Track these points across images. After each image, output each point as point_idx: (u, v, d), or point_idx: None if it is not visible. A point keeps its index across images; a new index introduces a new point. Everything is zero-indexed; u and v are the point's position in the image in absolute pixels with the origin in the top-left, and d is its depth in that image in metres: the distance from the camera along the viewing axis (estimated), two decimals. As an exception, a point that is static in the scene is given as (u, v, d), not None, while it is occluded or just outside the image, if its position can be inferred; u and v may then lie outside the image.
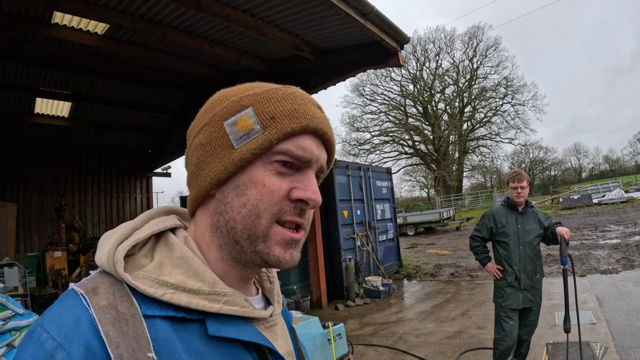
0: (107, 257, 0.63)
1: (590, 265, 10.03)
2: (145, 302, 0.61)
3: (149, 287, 0.61)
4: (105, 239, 0.68)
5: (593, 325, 5.90)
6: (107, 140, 14.90)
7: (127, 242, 0.66)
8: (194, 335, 0.62)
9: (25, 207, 13.09)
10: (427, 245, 19.09)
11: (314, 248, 8.96)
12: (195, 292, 0.64)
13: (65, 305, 0.59)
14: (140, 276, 0.63)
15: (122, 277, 0.61)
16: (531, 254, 4.22)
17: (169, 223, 0.73)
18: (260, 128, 0.67)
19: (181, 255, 0.68)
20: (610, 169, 66.24)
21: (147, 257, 0.68)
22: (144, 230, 0.69)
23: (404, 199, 56.04)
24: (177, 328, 0.61)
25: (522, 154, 57.32)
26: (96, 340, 0.55)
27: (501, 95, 45.64)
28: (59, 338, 0.54)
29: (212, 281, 0.66)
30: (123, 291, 0.61)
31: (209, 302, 0.64)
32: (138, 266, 0.65)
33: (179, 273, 0.65)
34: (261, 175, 0.67)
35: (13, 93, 9.85)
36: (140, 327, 0.58)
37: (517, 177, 4.26)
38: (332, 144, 0.75)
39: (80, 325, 0.56)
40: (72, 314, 0.57)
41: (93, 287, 0.61)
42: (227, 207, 0.69)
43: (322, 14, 6.38)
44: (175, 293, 0.62)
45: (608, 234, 14.89)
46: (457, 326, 6.64)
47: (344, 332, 4.47)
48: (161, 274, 0.64)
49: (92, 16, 6.27)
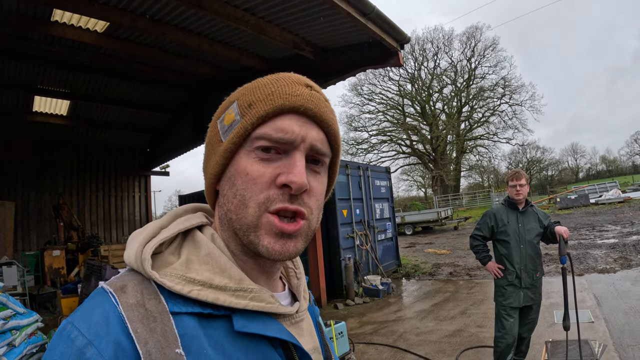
0: (135, 255, 0.65)
1: (588, 264, 10.07)
2: (173, 299, 0.62)
3: (177, 284, 0.62)
4: (133, 238, 0.69)
5: (591, 324, 5.93)
6: (105, 139, 14.90)
7: (154, 241, 0.67)
8: (220, 331, 0.63)
9: (24, 205, 13.09)
10: (425, 244, 19.13)
11: (313, 247, 8.97)
12: (222, 289, 0.65)
13: (95, 303, 0.61)
14: (168, 273, 0.64)
15: (150, 275, 0.62)
16: (532, 253, 4.25)
17: (195, 221, 0.74)
18: (240, 118, 0.69)
19: (208, 252, 0.68)
20: (607, 169, 66.50)
21: (175, 255, 0.69)
22: (170, 229, 0.70)
23: (402, 199, 56.09)
24: (203, 324, 0.62)
25: (519, 154, 57.46)
26: (125, 337, 0.56)
27: (499, 95, 45.67)
28: (89, 335, 0.55)
29: (239, 277, 0.67)
30: (151, 289, 0.62)
31: (236, 299, 0.65)
32: (166, 264, 0.66)
33: (206, 270, 0.66)
34: (244, 163, 0.68)
35: (11, 91, 9.85)
36: (168, 324, 0.59)
37: (516, 176, 4.31)
38: (324, 120, 0.71)
39: (110, 322, 0.57)
40: (101, 311, 0.58)
41: (122, 285, 0.62)
42: (224, 199, 0.70)
43: (323, 13, 6.38)
44: (202, 290, 0.63)
45: (605, 234, 14.94)
46: (456, 325, 6.66)
47: (345, 330, 4.48)
48: (188, 271, 0.65)
49: (92, 14, 6.26)
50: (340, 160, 0.81)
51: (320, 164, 0.73)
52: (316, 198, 0.71)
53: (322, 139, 0.72)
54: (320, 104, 0.71)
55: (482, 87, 45.79)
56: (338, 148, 0.77)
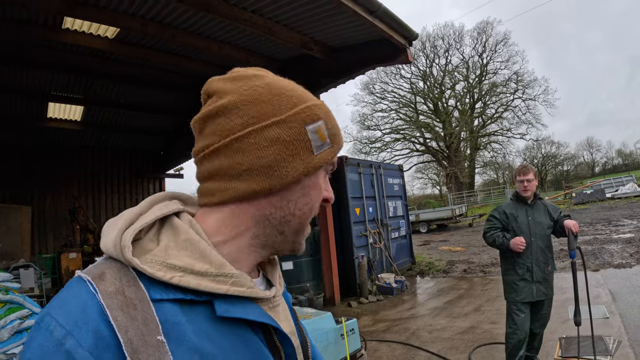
0: (114, 242, 0.63)
1: (604, 259, 9.95)
2: (153, 286, 0.62)
3: (158, 271, 0.62)
4: (110, 226, 0.68)
5: (606, 320, 5.86)
6: (119, 143, 15.05)
7: (133, 227, 0.66)
8: (201, 317, 0.64)
9: (40, 209, 13.28)
10: (439, 242, 19.05)
11: (326, 246, 8.99)
12: (203, 274, 0.64)
13: (72, 292, 0.60)
14: (148, 260, 0.64)
15: (131, 262, 0.62)
16: (542, 246, 4.21)
17: (172, 207, 0.73)
18: (330, 142, 0.76)
19: (187, 238, 0.68)
20: (624, 163, 65.38)
21: (154, 242, 0.68)
22: (149, 215, 0.70)
23: (416, 197, 55.79)
24: (185, 310, 0.62)
25: (534, 150, 56.96)
26: (105, 326, 0.55)
27: (512, 91, 45.26)
28: (67, 325, 0.55)
29: (219, 263, 0.67)
30: (130, 276, 0.62)
31: (217, 284, 0.65)
32: (145, 250, 0.66)
33: (186, 256, 0.66)
34: (321, 181, 0.78)
35: (26, 98, 10.02)
36: (148, 311, 0.59)
37: (523, 170, 4.25)
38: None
39: (88, 311, 0.56)
40: (79, 300, 0.58)
41: (99, 273, 0.62)
42: (290, 203, 0.74)
43: (330, 12, 6.41)
44: (184, 276, 0.63)
45: (621, 228, 14.75)
46: (469, 322, 6.64)
47: (357, 327, 4.49)
48: (168, 257, 0.65)
49: (102, 20, 6.35)
50: None
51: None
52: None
53: None
54: None
55: (495, 83, 45.39)
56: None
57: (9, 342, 4.03)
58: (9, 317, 4.10)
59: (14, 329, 4.09)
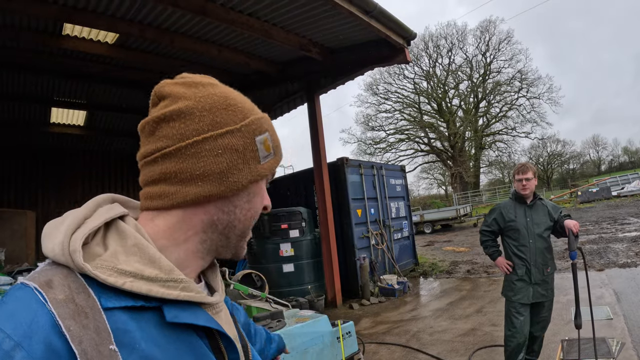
0: (62, 247, 0.61)
1: (609, 259, 9.87)
2: (104, 293, 0.60)
3: (109, 277, 0.61)
4: (53, 228, 0.66)
5: (610, 321, 5.79)
6: (122, 147, 15.10)
7: (81, 231, 0.64)
8: (150, 323, 0.62)
9: (44, 214, 13.33)
10: (443, 242, 19.00)
11: (327, 248, 8.98)
12: (153, 280, 0.64)
13: (19, 301, 0.57)
14: (99, 265, 0.62)
15: (82, 267, 0.60)
16: (541, 247, 4.16)
17: (117, 211, 0.72)
18: (273, 153, 0.81)
19: (135, 242, 0.67)
20: (630, 161, 64.89)
21: (101, 246, 0.66)
22: (95, 218, 0.68)
23: (422, 197, 55.70)
24: (135, 317, 0.61)
25: (539, 148, 56.71)
26: (57, 337, 0.53)
27: (516, 89, 45.14)
28: (16, 336, 0.52)
29: (168, 268, 0.66)
30: (78, 282, 0.60)
31: (167, 289, 0.64)
32: (94, 255, 0.64)
33: (135, 261, 0.65)
34: (263, 188, 0.82)
35: (29, 104, 10.08)
36: (100, 320, 0.57)
37: (522, 169, 4.20)
38: None
39: (39, 321, 0.54)
40: (28, 310, 0.55)
41: (46, 280, 0.59)
42: (237, 209, 0.77)
43: (326, 13, 6.41)
44: (134, 281, 0.62)
45: (627, 227, 14.63)
46: (471, 323, 6.60)
47: (353, 329, 4.47)
48: (118, 262, 0.63)
49: (101, 26, 6.39)
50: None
51: None
52: None
53: None
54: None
55: (499, 82, 45.27)
56: None
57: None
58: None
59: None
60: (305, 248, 9.33)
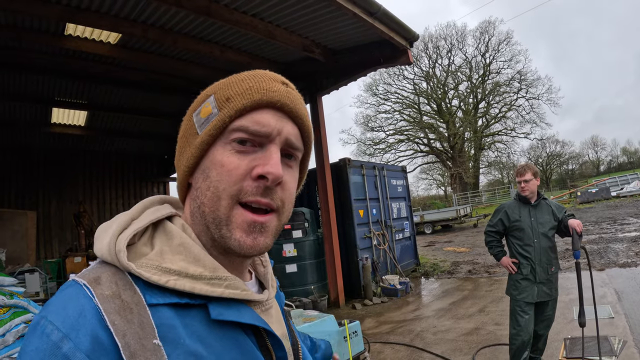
0: (109, 247, 0.64)
1: (609, 258, 9.90)
2: (149, 290, 0.62)
3: (153, 275, 0.63)
4: (103, 231, 0.68)
5: (612, 320, 5.83)
6: (123, 147, 15.11)
7: (127, 232, 0.66)
8: (195, 320, 0.63)
9: (45, 214, 13.35)
10: (444, 243, 19.00)
11: (330, 248, 8.99)
12: (197, 278, 0.65)
13: (68, 296, 0.59)
14: (144, 264, 0.64)
15: (126, 266, 0.62)
16: (546, 246, 4.20)
17: (165, 212, 0.74)
18: (217, 111, 0.70)
19: (180, 242, 0.69)
20: (629, 161, 64.98)
21: (147, 246, 0.69)
22: (142, 220, 0.70)
23: (421, 198, 55.71)
24: (180, 314, 0.62)
25: (538, 149, 56.71)
26: (102, 330, 0.55)
27: (515, 90, 45.15)
28: (64, 328, 0.54)
29: (213, 266, 0.68)
30: (125, 280, 0.62)
31: (211, 287, 0.66)
32: (139, 255, 0.66)
33: (180, 260, 0.66)
34: (220, 155, 0.69)
35: (30, 104, 10.05)
36: (144, 315, 0.58)
37: (520, 171, 4.30)
38: (299, 116, 0.74)
39: (86, 315, 0.56)
40: (76, 304, 0.57)
41: (95, 277, 0.61)
42: (198, 192, 0.71)
43: (330, 15, 6.43)
44: (179, 279, 0.64)
45: (627, 227, 14.65)
46: (474, 323, 6.62)
47: (360, 329, 4.49)
48: (163, 261, 0.65)
49: (104, 26, 6.37)
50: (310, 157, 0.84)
51: (293, 159, 0.75)
52: (289, 192, 0.73)
53: (297, 134, 0.74)
54: (296, 100, 0.74)
55: (498, 82, 45.28)
56: (310, 144, 0.79)
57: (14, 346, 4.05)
58: (14, 321, 4.12)
59: (18, 333, 4.11)
60: (308, 248, 9.35)
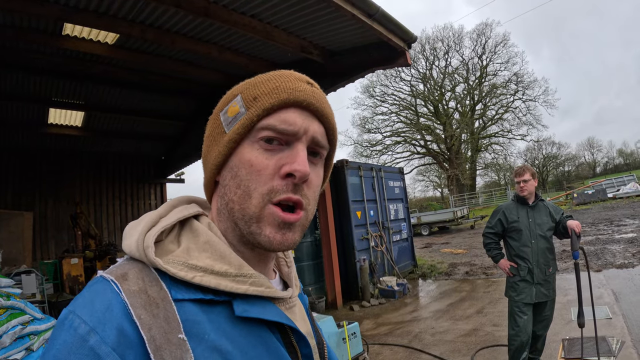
0: (137, 244, 0.65)
1: (606, 260, 9.93)
2: (174, 286, 0.63)
3: (180, 271, 0.64)
4: (131, 228, 0.70)
5: (609, 320, 5.85)
6: (120, 148, 15.04)
7: (155, 229, 0.68)
8: (220, 316, 0.65)
9: (42, 215, 13.27)
10: (441, 244, 19.02)
11: (328, 249, 8.98)
12: (222, 275, 0.66)
13: (96, 291, 0.61)
14: (171, 261, 0.65)
15: (154, 262, 0.64)
16: (543, 247, 4.21)
17: (192, 210, 0.76)
18: (245, 110, 0.72)
19: (207, 240, 0.70)
20: (625, 163, 65.26)
21: (174, 243, 0.71)
22: (169, 218, 0.72)
23: (418, 199, 55.79)
24: (205, 310, 0.64)
25: (535, 150, 56.91)
26: (128, 324, 0.56)
27: (512, 92, 45.20)
28: (91, 322, 0.56)
29: (238, 264, 0.69)
30: (152, 276, 0.63)
31: (236, 284, 0.67)
32: (167, 251, 0.68)
33: (206, 257, 0.68)
34: (248, 154, 0.71)
35: (27, 104, 10.00)
36: (170, 310, 0.60)
37: (519, 172, 4.31)
38: (325, 115, 0.76)
39: (113, 309, 0.57)
40: (103, 299, 0.59)
41: (122, 273, 0.63)
42: (226, 189, 0.73)
43: (328, 16, 6.41)
44: (205, 276, 0.65)
45: (623, 228, 14.70)
46: (472, 324, 6.62)
47: (358, 331, 4.49)
48: (189, 258, 0.67)
49: (101, 26, 6.35)
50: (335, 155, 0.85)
51: (318, 157, 0.77)
52: (313, 190, 0.75)
53: (322, 132, 0.76)
54: (321, 99, 0.76)
55: (495, 84, 45.37)
56: (335, 142, 0.81)
57: (11, 348, 4.03)
58: (10, 323, 4.11)
59: (15, 335, 4.09)
60: (306, 250, 9.34)
